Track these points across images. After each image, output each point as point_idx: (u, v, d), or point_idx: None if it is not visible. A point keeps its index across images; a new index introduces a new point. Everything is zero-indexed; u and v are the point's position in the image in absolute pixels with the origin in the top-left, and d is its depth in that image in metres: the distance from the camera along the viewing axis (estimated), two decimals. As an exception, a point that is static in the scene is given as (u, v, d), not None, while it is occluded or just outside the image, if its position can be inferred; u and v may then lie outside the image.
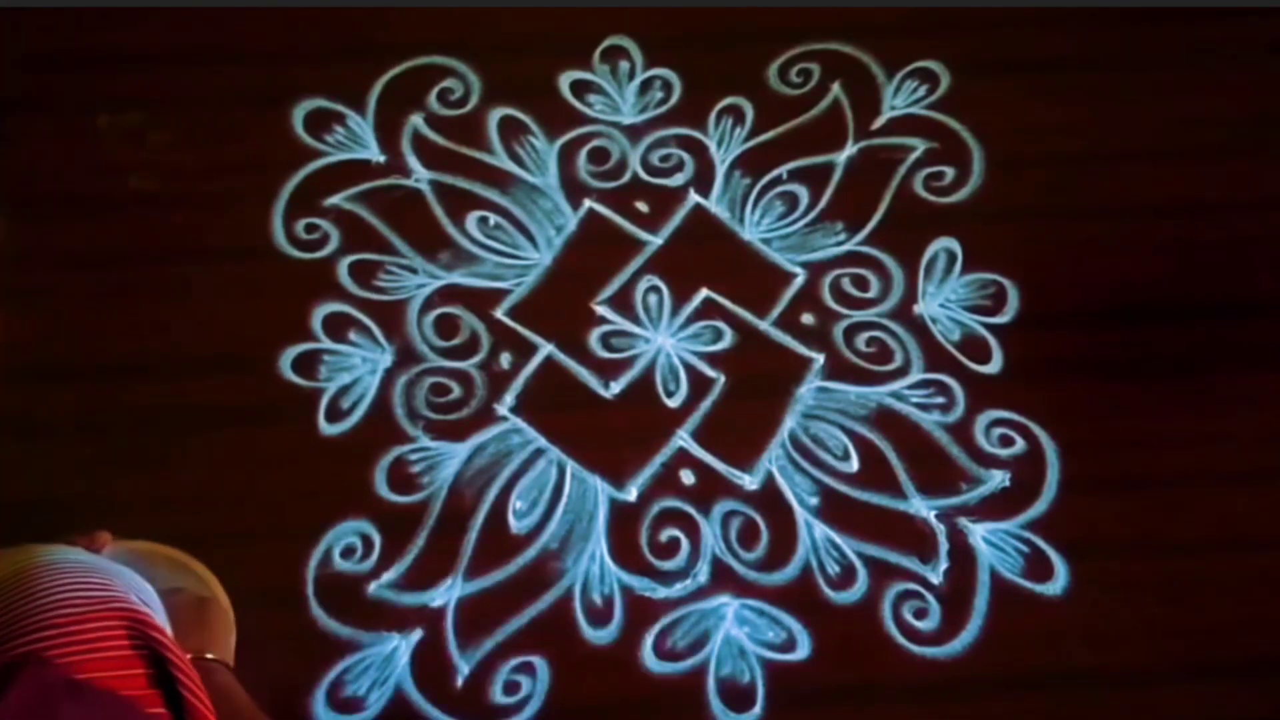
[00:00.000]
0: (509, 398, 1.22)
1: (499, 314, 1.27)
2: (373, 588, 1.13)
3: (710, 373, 1.24)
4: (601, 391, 1.23)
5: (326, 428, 1.20)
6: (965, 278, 1.29)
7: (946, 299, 1.28)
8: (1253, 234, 1.33)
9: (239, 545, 1.12)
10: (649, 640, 1.12)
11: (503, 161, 1.34)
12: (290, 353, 1.23)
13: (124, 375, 1.23)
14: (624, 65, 1.40)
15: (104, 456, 1.18)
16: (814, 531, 1.16)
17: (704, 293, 1.28)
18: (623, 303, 1.28)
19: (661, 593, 1.14)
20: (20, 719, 0.61)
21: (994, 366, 1.25)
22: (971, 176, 1.35)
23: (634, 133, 1.36)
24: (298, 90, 1.37)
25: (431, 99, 1.37)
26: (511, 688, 1.10)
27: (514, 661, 1.11)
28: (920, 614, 1.13)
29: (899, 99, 1.39)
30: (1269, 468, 1.21)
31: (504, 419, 1.21)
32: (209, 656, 0.97)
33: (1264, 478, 1.20)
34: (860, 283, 1.29)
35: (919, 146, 1.36)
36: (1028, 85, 1.40)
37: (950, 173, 1.35)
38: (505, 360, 1.24)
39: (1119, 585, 1.15)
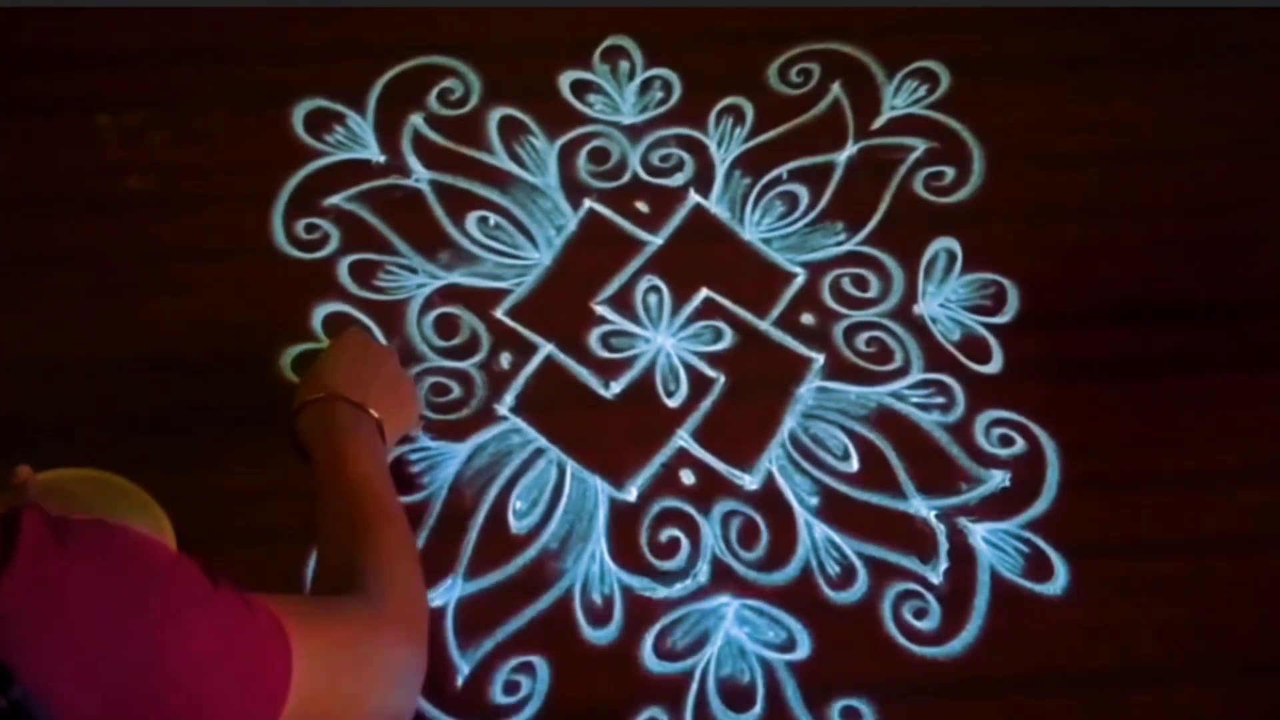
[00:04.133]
0: (509, 398, 1.22)
1: (499, 314, 1.27)
2: (373, 588, 1.13)
3: (710, 373, 1.24)
4: (601, 391, 1.23)
5: (326, 428, 1.20)
6: (965, 278, 1.29)
7: (946, 299, 1.28)
8: (1253, 234, 1.33)
9: (239, 545, 1.12)
10: (649, 640, 1.12)
11: (503, 161, 1.34)
12: (290, 353, 1.23)
13: (123, 375, 1.23)
14: (624, 65, 1.40)
15: (102, 455, 1.18)
16: (814, 531, 1.16)
17: (704, 293, 1.28)
18: (623, 303, 1.28)
19: (661, 593, 1.14)
20: (37, 557, 0.61)
21: (994, 366, 1.25)
22: (971, 176, 1.35)
23: (634, 133, 1.36)
24: (298, 90, 1.37)
25: (431, 99, 1.37)
26: (511, 688, 1.10)
27: (514, 661, 1.10)
28: (920, 614, 1.13)
29: (899, 99, 1.39)
30: (1269, 467, 1.21)
31: (504, 419, 1.21)
32: None
33: (1264, 477, 1.20)
34: (860, 283, 1.29)
35: (919, 146, 1.36)
36: (1028, 85, 1.40)
37: (950, 173, 1.35)
38: (505, 360, 1.24)
39: (1119, 585, 1.15)
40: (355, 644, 0.81)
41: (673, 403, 1.22)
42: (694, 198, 1.33)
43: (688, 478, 1.19)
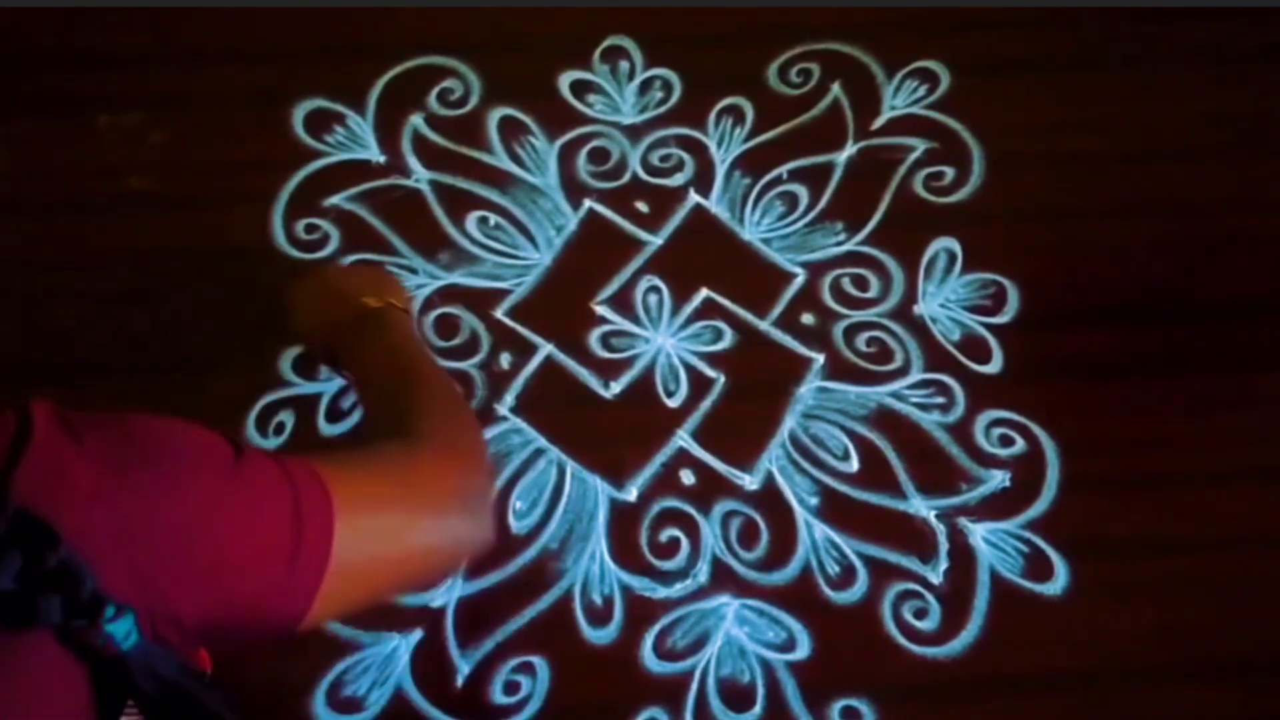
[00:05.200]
0: (509, 398, 1.23)
1: (499, 314, 1.27)
2: (373, 588, 1.13)
3: (710, 373, 1.24)
4: (601, 391, 1.23)
5: (326, 428, 1.20)
6: (965, 278, 1.29)
7: (946, 299, 1.28)
8: (1253, 234, 1.33)
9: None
10: (649, 640, 1.12)
11: (503, 161, 1.35)
12: (290, 352, 1.23)
13: (123, 375, 1.23)
14: (624, 65, 1.40)
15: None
16: (814, 531, 1.16)
17: (704, 293, 1.28)
18: (623, 303, 1.28)
19: (661, 593, 1.14)
20: (53, 440, 0.64)
21: (994, 366, 1.25)
22: (971, 176, 1.35)
23: (634, 133, 1.36)
24: (298, 90, 1.37)
25: (431, 99, 1.37)
26: (511, 688, 1.10)
27: (514, 661, 1.11)
28: (920, 614, 1.13)
29: (899, 99, 1.39)
30: (1269, 467, 1.21)
31: (504, 419, 1.21)
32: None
33: (1265, 477, 1.20)
34: (860, 283, 1.29)
35: (919, 146, 1.36)
36: (1028, 85, 1.40)
37: (950, 173, 1.35)
38: (505, 360, 1.24)
39: (1119, 585, 1.15)
40: (398, 479, 0.82)
41: (673, 403, 1.23)
42: (694, 198, 1.33)
43: (688, 478, 1.19)
